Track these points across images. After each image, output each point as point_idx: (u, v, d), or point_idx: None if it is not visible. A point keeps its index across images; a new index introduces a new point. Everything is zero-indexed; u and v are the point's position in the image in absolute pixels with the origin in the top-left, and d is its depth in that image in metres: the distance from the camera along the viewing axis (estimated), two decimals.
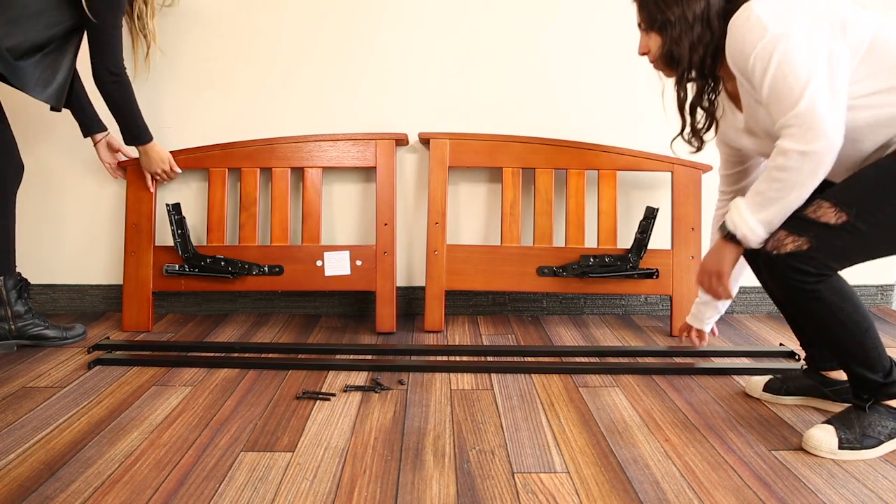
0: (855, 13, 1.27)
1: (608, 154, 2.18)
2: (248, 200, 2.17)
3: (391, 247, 2.14)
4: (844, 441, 1.34)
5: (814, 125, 1.21)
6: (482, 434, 1.44)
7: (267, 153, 2.16)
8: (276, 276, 2.14)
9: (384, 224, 2.14)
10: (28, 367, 1.82)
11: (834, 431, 1.35)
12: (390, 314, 2.13)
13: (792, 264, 1.25)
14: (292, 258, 2.14)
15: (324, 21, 2.24)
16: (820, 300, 1.27)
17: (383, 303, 2.13)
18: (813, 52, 1.23)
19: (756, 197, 1.30)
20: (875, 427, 1.34)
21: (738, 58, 1.29)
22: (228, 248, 2.16)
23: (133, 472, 1.28)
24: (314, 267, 2.14)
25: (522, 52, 2.26)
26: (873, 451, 1.34)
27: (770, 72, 1.24)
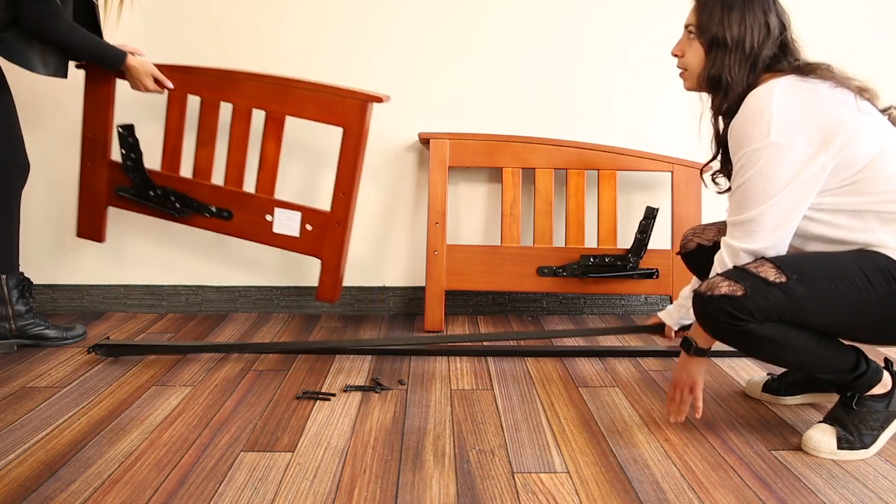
0: (865, 133, 1.26)
1: (608, 154, 2.18)
2: (206, 135, 2.03)
3: (345, 218, 2.00)
4: (843, 441, 1.34)
5: (757, 232, 1.28)
6: (482, 434, 1.44)
7: (230, 85, 1.98)
8: (224, 220, 2.05)
9: (341, 193, 1.98)
10: (28, 367, 1.82)
11: (832, 431, 1.35)
12: (332, 284, 2.04)
13: (723, 306, 1.25)
14: (243, 206, 2.04)
15: (323, 21, 2.23)
16: (756, 337, 1.26)
17: (328, 273, 2.03)
18: (797, 172, 1.25)
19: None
20: (867, 421, 1.35)
21: (734, 139, 1.32)
22: (182, 180, 2.05)
23: (133, 472, 1.28)
24: (263, 220, 2.03)
25: (522, 53, 2.26)
26: (872, 448, 1.35)
27: (749, 174, 1.28)
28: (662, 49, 2.26)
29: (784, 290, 1.23)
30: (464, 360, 1.89)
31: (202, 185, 2.05)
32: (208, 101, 2.01)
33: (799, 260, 1.29)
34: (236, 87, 1.98)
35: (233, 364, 1.84)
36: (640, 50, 2.27)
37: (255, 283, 2.35)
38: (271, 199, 2.03)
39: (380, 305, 2.37)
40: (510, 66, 2.27)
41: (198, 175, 2.06)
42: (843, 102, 1.27)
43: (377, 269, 2.36)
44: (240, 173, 2.04)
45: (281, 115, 1.98)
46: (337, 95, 1.94)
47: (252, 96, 1.98)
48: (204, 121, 2.03)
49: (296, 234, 2.02)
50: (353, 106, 1.94)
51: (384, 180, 2.31)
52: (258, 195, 2.04)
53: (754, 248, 1.29)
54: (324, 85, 1.95)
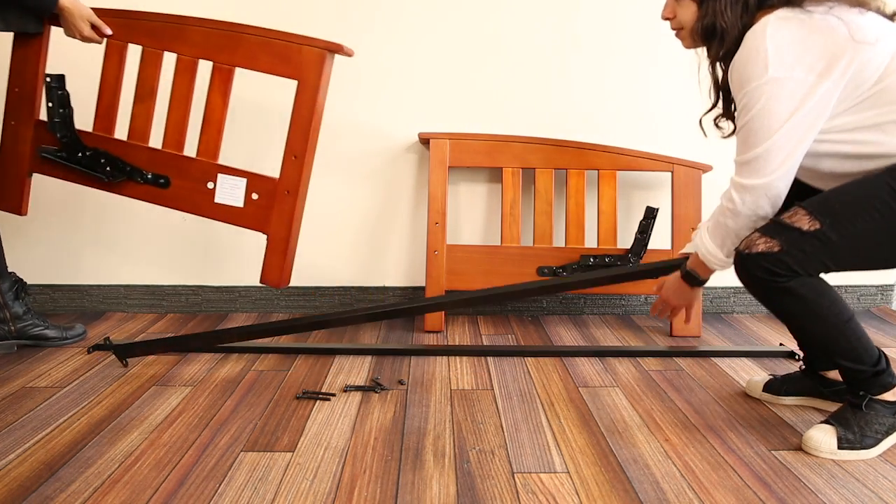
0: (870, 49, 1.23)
1: (608, 154, 2.18)
2: (145, 89, 1.83)
3: (296, 185, 1.80)
4: (844, 441, 1.34)
5: (763, 168, 1.28)
6: (482, 434, 1.44)
7: (176, 33, 1.79)
8: (160, 188, 1.84)
9: (293, 156, 1.79)
10: (28, 367, 1.82)
11: (833, 431, 1.35)
12: (279, 265, 1.83)
13: (761, 263, 1.28)
14: (182, 172, 1.83)
15: (323, 21, 2.23)
16: (792, 296, 1.29)
17: (274, 251, 1.82)
18: (799, 103, 1.25)
19: (713, 222, 1.38)
20: (872, 424, 1.34)
21: (734, 81, 1.32)
22: (115, 142, 1.85)
23: (133, 472, 1.28)
24: (204, 188, 1.82)
25: (523, 53, 2.26)
26: (873, 451, 1.34)
27: (752, 112, 1.28)
28: (662, 49, 2.27)
29: (819, 238, 1.25)
30: (464, 360, 1.89)
31: (138, 147, 1.85)
32: (150, 51, 1.81)
33: (830, 199, 1.28)
34: (183, 34, 1.78)
35: (233, 364, 1.84)
36: (641, 50, 2.27)
37: (255, 283, 2.35)
38: (214, 164, 1.82)
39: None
40: (510, 66, 2.27)
41: (134, 136, 1.86)
42: (840, 24, 1.24)
43: (377, 269, 2.36)
44: (181, 135, 1.84)
45: (229, 67, 1.79)
46: (292, 43, 1.75)
47: (199, 45, 1.78)
48: (144, 73, 1.82)
49: (239, 204, 1.82)
50: (309, 55, 1.75)
51: (384, 180, 2.31)
52: (199, 159, 1.83)
53: (762, 182, 1.28)
54: (277, 31, 1.77)
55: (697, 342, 2.07)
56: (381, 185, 2.32)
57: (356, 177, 2.31)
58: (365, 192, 2.32)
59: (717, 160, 2.25)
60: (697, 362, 1.89)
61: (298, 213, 1.83)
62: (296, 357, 1.90)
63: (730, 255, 1.38)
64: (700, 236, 1.42)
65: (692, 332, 2.12)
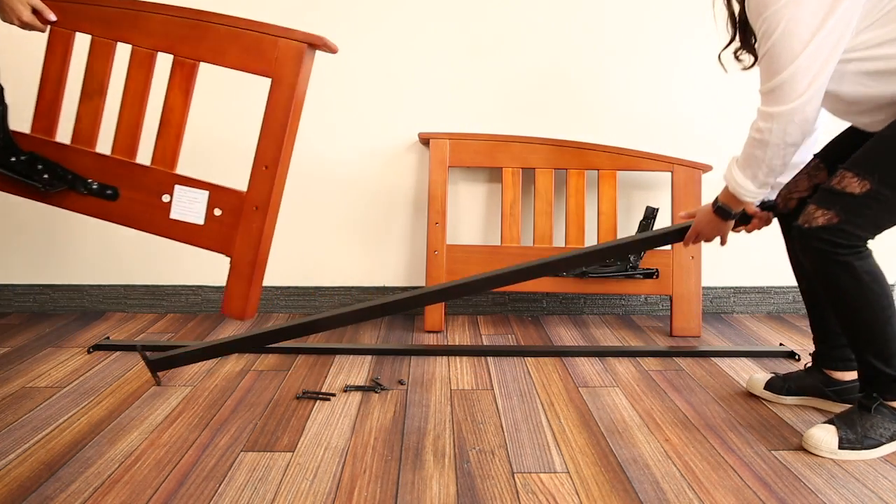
0: None
1: (608, 154, 2.18)
2: (93, 85, 1.62)
3: (266, 201, 1.57)
4: (845, 441, 1.34)
5: (789, 94, 1.25)
6: (482, 434, 1.44)
7: (130, 20, 1.58)
8: (106, 200, 1.62)
9: (263, 167, 1.57)
10: (28, 367, 1.82)
11: (835, 431, 1.35)
12: (244, 293, 1.59)
13: (823, 237, 1.28)
14: (133, 182, 1.61)
15: (323, 21, 2.23)
16: (851, 274, 1.29)
17: (238, 277, 1.59)
18: (821, 22, 1.22)
19: (743, 154, 1.36)
20: (877, 429, 1.34)
21: (752, 9, 1.29)
22: (56, 146, 1.63)
23: (133, 472, 1.28)
24: (158, 202, 1.60)
25: (523, 53, 2.26)
26: (873, 452, 1.34)
27: (773, 38, 1.25)
28: (663, 49, 2.27)
29: (873, 198, 1.25)
30: (464, 360, 1.89)
31: (82, 152, 1.63)
32: (101, 41, 1.60)
33: (870, 153, 1.28)
34: (139, 22, 1.57)
35: (233, 364, 1.84)
36: (641, 49, 2.27)
37: None
38: (171, 174, 1.61)
39: None
40: (510, 66, 2.27)
41: (78, 139, 1.64)
42: None
43: (377, 269, 2.36)
44: (133, 139, 1.62)
45: (192, 61, 1.58)
46: (266, 35, 1.55)
47: (157, 35, 1.57)
48: (93, 67, 1.61)
49: (199, 221, 1.59)
50: (285, 50, 1.54)
51: (384, 180, 2.31)
52: (154, 168, 1.61)
53: (790, 108, 1.26)
54: (248, 20, 1.56)
55: (697, 342, 2.07)
56: (381, 185, 2.32)
57: (356, 176, 2.31)
58: (365, 191, 2.32)
59: (717, 160, 2.25)
60: (697, 362, 1.89)
61: (268, 232, 1.61)
62: (296, 357, 1.90)
63: (762, 187, 1.36)
64: (730, 169, 1.40)
65: (692, 332, 2.12)
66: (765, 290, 2.40)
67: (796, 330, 2.21)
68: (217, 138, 2.24)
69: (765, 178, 1.35)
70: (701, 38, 2.26)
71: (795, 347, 2.02)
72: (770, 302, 2.40)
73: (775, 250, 2.38)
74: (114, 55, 1.62)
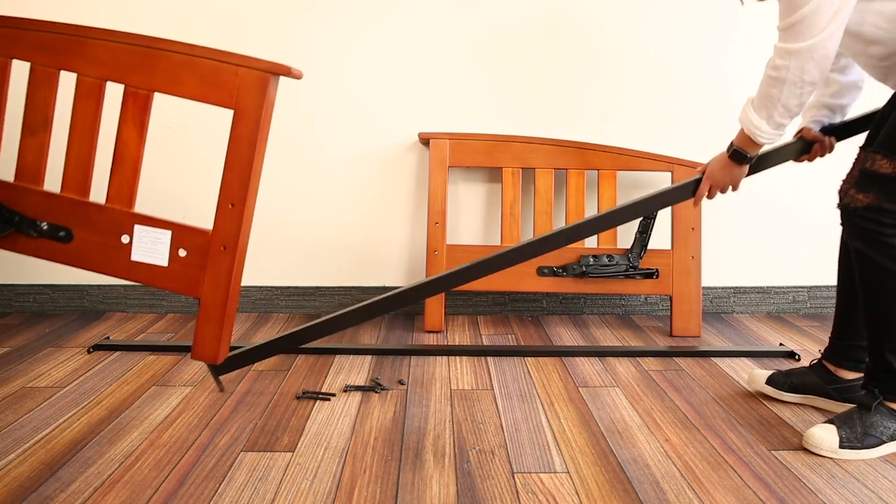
0: None
1: (608, 154, 2.18)
2: (36, 118, 1.48)
3: (234, 239, 1.47)
4: (845, 440, 1.34)
5: (810, 29, 1.24)
6: (482, 434, 1.44)
7: (74, 49, 1.44)
8: (59, 243, 1.50)
9: (229, 204, 1.46)
10: (28, 367, 1.82)
11: (835, 430, 1.35)
12: (215, 335, 1.49)
13: (868, 216, 1.30)
14: (88, 222, 1.48)
15: (323, 21, 2.23)
16: (890, 259, 1.29)
17: (208, 319, 1.49)
18: None
19: (758, 93, 1.34)
20: (878, 427, 1.34)
21: None
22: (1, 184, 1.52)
23: (133, 472, 1.28)
24: (117, 243, 1.48)
25: (523, 52, 2.26)
26: (874, 451, 1.34)
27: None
28: (662, 48, 2.27)
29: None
30: (464, 360, 1.89)
31: (29, 191, 1.51)
32: (42, 69, 1.46)
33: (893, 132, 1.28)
34: (84, 49, 1.44)
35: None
36: (641, 49, 2.27)
37: (255, 283, 2.35)
38: (130, 213, 1.49)
39: None
40: (510, 66, 2.27)
41: (23, 177, 1.51)
42: None
43: (377, 269, 2.36)
44: (85, 176, 1.50)
45: (146, 91, 1.45)
46: (226, 64, 1.42)
47: (105, 63, 1.44)
48: (35, 97, 1.48)
49: (163, 262, 1.49)
50: (247, 80, 1.42)
51: (384, 180, 2.31)
52: (110, 207, 1.49)
53: (809, 44, 1.24)
54: (206, 48, 1.43)
55: (697, 342, 2.07)
56: (381, 185, 2.32)
57: (356, 177, 2.31)
58: (365, 191, 2.32)
59: None
60: (697, 362, 1.89)
61: (237, 272, 1.51)
62: (296, 357, 1.90)
63: (777, 128, 1.35)
64: (745, 110, 1.38)
65: (692, 332, 2.12)
66: (765, 290, 2.40)
67: (796, 330, 2.21)
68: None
69: (780, 119, 1.33)
70: (701, 38, 2.26)
71: (795, 347, 2.02)
72: (770, 302, 2.40)
73: (775, 250, 2.38)
74: (57, 85, 1.48)
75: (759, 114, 1.35)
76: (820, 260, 2.40)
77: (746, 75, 2.29)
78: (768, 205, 2.36)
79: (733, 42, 2.27)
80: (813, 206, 2.38)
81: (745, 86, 2.28)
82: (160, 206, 2.28)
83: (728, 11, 2.26)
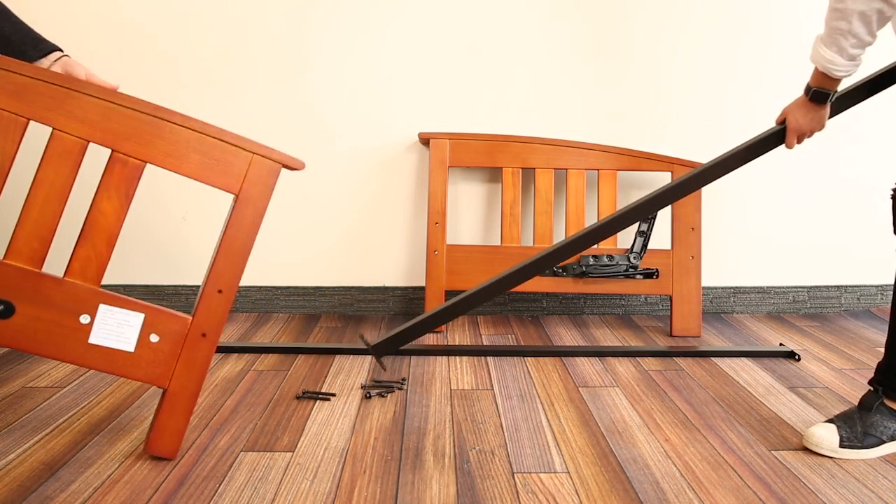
0: None
1: (608, 154, 2.18)
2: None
3: (216, 328, 1.34)
4: (845, 439, 1.34)
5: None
6: (482, 434, 1.44)
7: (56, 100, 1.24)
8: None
9: (217, 291, 1.34)
10: (28, 367, 1.82)
11: (836, 430, 1.35)
12: (178, 429, 1.33)
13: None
14: (39, 297, 1.25)
15: (324, 20, 2.24)
16: None
17: (173, 411, 1.33)
18: None
19: (826, 29, 1.32)
20: (878, 427, 1.34)
21: None
22: None
23: (133, 472, 1.28)
24: (74, 323, 1.27)
25: (523, 52, 2.26)
26: (874, 451, 1.34)
27: None
28: (662, 49, 2.27)
29: None
30: (464, 360, 1.89)
31: None
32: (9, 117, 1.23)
33: None
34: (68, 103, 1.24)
35: (233, 364, 1.84)
36: (641, 49, 2.27)
37: (255, 283, 2.35)
38: (95, 291, 1.28)
39: (380, 305, 2.37)
40: (510, 66, 2.27)
41: None
42: None
43: (377, 269, 2.36)
44: (42, 243, 1.26)
45: (138, 161, 1.29)
46: (239, 149, 1.33)
47: (93, 124, 1.25)
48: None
49: (129, 348, 1.31)
50: (259, 169, 1.34)
51: (384, 180, 2.32)
52: (71, 281, 1.27)
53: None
54: (218, 129, 1.31)
55: (697, 342, 2.07)
56: (381, 184, 2.32)
57: (356, 176, 2.31)
58: (365, 191, 2.32)
59: None
60: (697, 362, 1.89)
61: (210, 359, 1.37)
62: (296, 357, 1.90)
63: (852, 59, 1.32)
64: (816, 49, 1.35)
65: (692, 332, 2.13)
66: (765, 290, 2.40)
67: (796, 330, 2.21)
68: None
69: (852, 50, 1.30)
70: (701, 38, 2.26)
71: (795, 347, 2.02)
72: (770, 302, 2.40)
73: (775, 250, 2.38)
74: (22, 137, 1.25)
75: (829, 49, 1.32)
76: (820, 260, 2.41)
77: (749, 75, 2.29)
78: (768, 205, 2.36)
79: (737, 42, 2.27)
80: (813, 206, 2.38)
81: (747, 86, 2.28)
82: (160, 205, 2.29)
83: (732, 11, 2.26)
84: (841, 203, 2.38)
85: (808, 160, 2.35)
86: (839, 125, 2.32)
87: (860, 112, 2.32)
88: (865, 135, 2.35)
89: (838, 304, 2.43)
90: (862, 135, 2.36)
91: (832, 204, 2.39)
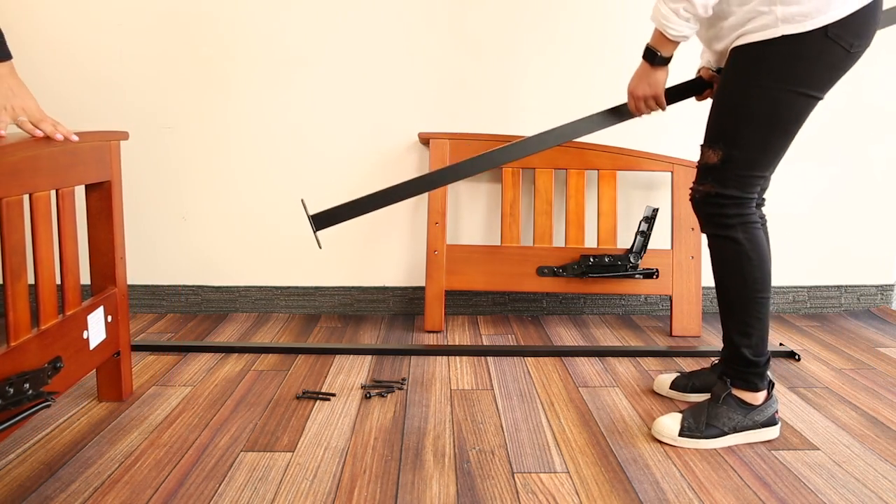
0: None
1: (608, 154, 2.18)
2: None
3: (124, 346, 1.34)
4: (685, 429, 1.39)
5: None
6: (482, 434, 1.44)
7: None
8: None
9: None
10: None
11: (680, 419, 1.40)
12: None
13: (710, 201, 1.40)
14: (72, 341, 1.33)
15: (324, 21, 2.23)
16: (733, 240, 1.38)
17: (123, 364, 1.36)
18: None
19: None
20: (721, 418, 1.39)
21: None
22: None
23: (133, 472, 1.28)
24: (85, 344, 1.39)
25: (522, 52, 2.26)
26: (713, 441, 1.38)
27: None
28: None
29: (730, 161, 1.35)
30: (464, 360, 1.89)
31: None
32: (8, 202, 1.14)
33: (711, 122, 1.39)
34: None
35: (233, 364, 1.84)
36: (640, 49, 2.27)
37: (255, 283, 2.35)
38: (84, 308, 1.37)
39: (380, 305, 2.37)
40: (510, 66, 2.27)
41: None
42: None
43: (377, 269, 2.36)
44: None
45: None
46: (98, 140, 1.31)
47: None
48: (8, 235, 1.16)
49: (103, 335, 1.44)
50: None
51: (384, 180, 2.31)
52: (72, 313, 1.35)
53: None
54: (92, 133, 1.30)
55: (697, 342, 2.07)
56: (381, 184, 2.32)
57: (356, 176, 2.31)
58: (365, 191, 2.31)
59: None
60: (697, 362, 1.89)
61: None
62: (296, 357, 1.90)
63: (686, 22, 1.36)
64: (656, 6, 1.39)
65: (692, 332, 2.13)
66: None
67: (796, 330, 2.21)
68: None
69: (685, 13, 1.34)
70: None
71: (795, 347, 2.02)
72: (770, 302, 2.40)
73: (775, 250, 2.38)
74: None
75: (667, 5, 1.36)
76: (820, 260, 2.41)
77: None
78: (768, 205, 2.36)
79: None
80: (813, 206, 2.38)
81: None
82: (160, 205, 2.29)
83: None
84: (841, 203, 2.38)
85: (808, 160, 2.35)
86: (840, 125, 2.32)
87: (860, 112, 2.32)
88: (865, 134, 2.35)
89: (838, 304, 2.43)
90: (862, 134, 2.36)
91: (832, 204, 2.39)
